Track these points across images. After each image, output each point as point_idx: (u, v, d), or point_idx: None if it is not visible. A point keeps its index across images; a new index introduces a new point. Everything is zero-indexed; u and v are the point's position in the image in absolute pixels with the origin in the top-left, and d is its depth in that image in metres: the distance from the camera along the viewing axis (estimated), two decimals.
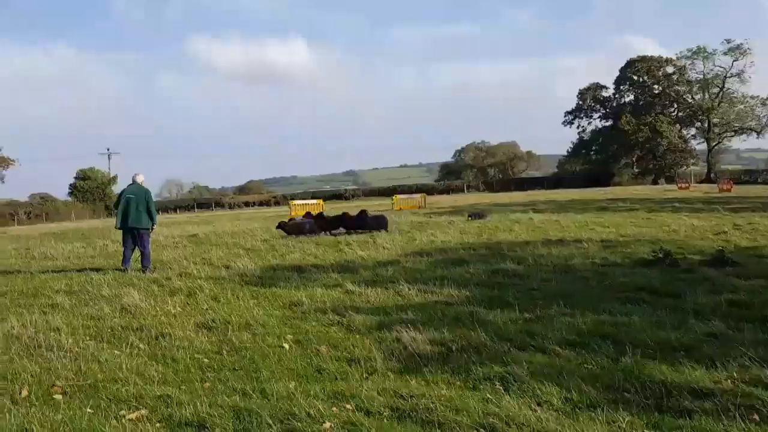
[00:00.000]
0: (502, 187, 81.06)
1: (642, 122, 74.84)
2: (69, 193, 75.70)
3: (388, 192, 76.76)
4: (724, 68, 74.09)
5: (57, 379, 5.08)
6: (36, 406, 4.53)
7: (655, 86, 79.42)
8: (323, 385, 4.74)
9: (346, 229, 17.50)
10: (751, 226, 14.98)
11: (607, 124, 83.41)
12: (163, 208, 74.03)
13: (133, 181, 12.14)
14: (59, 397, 4.68)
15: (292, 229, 17.74)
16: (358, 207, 22.93)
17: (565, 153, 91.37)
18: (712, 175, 70.34)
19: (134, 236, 11.76)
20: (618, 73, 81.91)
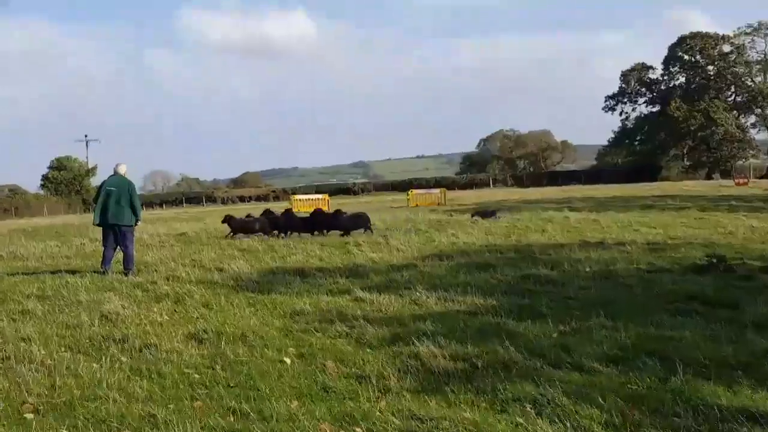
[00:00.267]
0: (533, 181, 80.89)
1: (694, 108, 74.32)
2: (41, 185, 76.42)
3: (403, 186, 76.96)
4: None
5: (28, 395, 5.11)
6: (4, 425, 4.56)
7: (710, 67, 78.85)
8: (329, 406, 4.74)
9: (321, 228, 17.53)
10: None
11: (654, 110, 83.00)
12: (148, 202, 74.48)
13: (115, 172, 12.21)
14: (30, 416, 4.70)
15: (238, 226, 17.87)
16: (367, 203, 22.95)
17: (606, 143, 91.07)
18: None
19: (116, 234, 11.83)
20: (667, 52, 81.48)
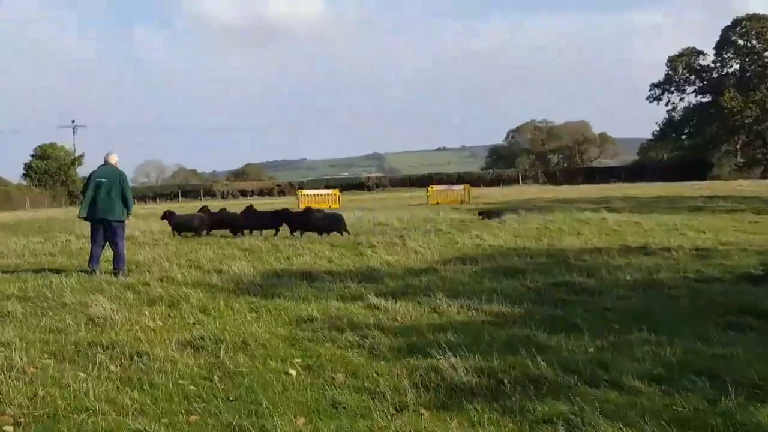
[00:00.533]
0: (568, 178, 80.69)
1: (750, 99, 73.79)
2: (23, 175, 77.21)
3: (422, 181, 76.81)
4: None
5: (8, 405, 5.14)
6: None
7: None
8: (339, 423, 4.74)
9: (295, 229, 17.60)
10: None
11: (705, 100, 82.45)
12: (140, 195, 75.14)
13: (105, 162, 12.30)
14: (10, 429, 4.75)
15: (178, 222, 18.19)
16: (382, 200, 23.00)
17: (650, 136, 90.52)
18: None
19: (105, 230, 11.92)
20: (719, 36, 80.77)
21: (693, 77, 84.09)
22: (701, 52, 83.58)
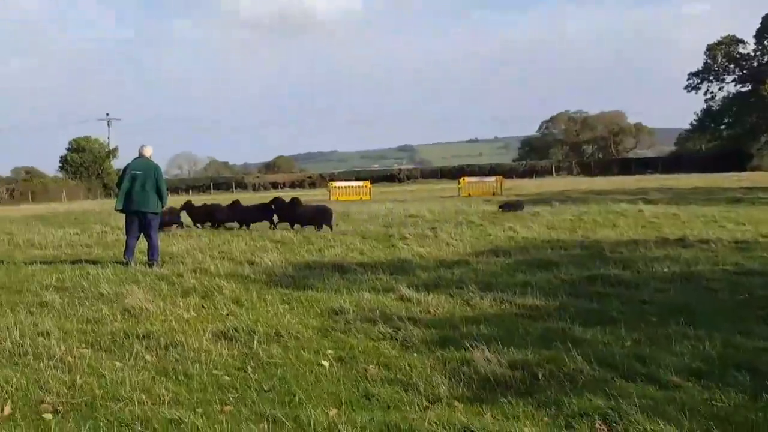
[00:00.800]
0: (603, 169, 79.90)
1: None
2: (59, 167, 78.39)
3: (454, 173, 76.70)
4: None
5: (47, 394, 5.24)
6: (21, 426, 4.68)
7: None
8: (372, 415, 4.75)
9: (282, 220, 17.66)
10: None
11: (745, 89, 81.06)
12: (173, 188, 75.75)
13: (140, 155, 12.45)
14: (49, 417, 4.82)
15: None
16: (413, 192, 23.00)
17: (688, 126, 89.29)
18: None
19: (140, 222, 12.08)
20: (760, 24, 79.26)
21: (732, 66, 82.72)
22: (741, 41, 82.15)
